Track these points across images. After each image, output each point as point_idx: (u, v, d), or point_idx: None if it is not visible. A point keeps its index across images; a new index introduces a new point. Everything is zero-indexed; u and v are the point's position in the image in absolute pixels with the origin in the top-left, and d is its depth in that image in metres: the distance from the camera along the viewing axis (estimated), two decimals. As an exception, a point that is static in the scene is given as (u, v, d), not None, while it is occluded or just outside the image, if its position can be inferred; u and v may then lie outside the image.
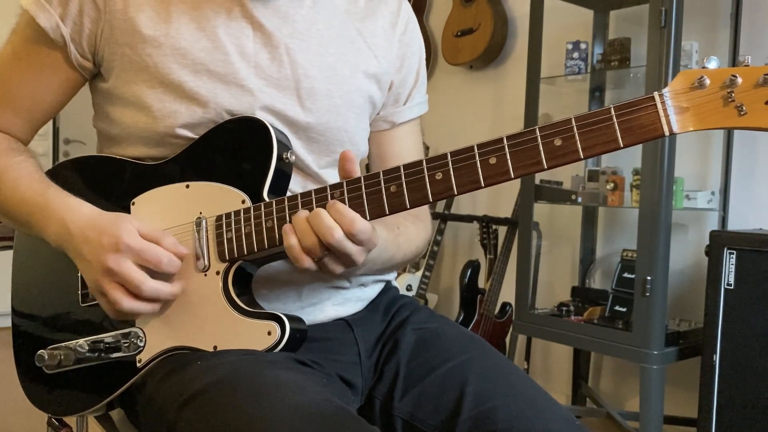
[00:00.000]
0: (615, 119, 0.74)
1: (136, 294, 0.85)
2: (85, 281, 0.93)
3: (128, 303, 0.85)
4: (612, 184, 2.30)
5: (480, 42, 3.09)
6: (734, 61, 0.69)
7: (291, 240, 0.82)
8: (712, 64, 0.72)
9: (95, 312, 0.94)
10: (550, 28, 2.45)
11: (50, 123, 4.08)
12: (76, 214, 0.89)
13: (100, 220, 0.87)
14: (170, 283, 0.87)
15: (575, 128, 0.75)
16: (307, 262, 0.83)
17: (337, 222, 0.80)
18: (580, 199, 2.42)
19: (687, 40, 2.15)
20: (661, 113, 0.73)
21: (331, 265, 0.84)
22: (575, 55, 2.46)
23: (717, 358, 1.92)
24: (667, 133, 0.73)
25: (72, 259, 0.90)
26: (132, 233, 0.85)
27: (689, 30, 2.19)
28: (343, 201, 0.83)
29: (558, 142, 0.76)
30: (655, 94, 0.73)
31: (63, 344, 0.95)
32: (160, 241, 0.87)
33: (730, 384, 1.91)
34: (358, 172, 0.84)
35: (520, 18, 3.08)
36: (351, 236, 0.81)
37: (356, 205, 0.82)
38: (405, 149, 1.09)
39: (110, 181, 0.97)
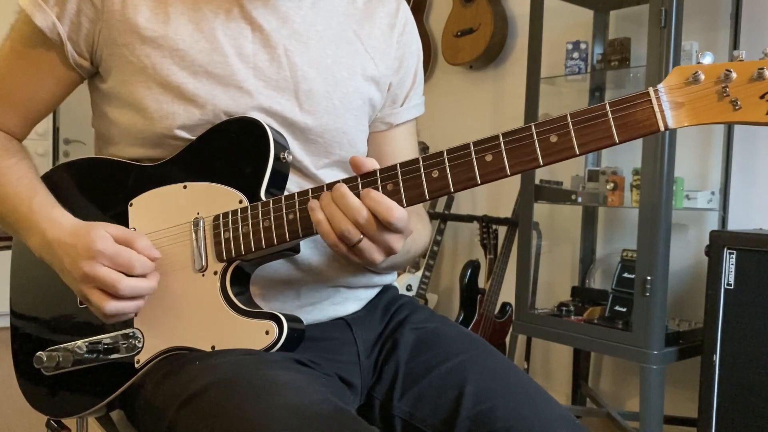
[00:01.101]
0: (610, 115, 0.74)
1: (115, 295, 0.85)
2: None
3: (111, 305, 0.85)
4: (612, 184, 2.30)
5: (480, 42, 3.09)
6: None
7: (318, 215, 0.81)
8: (707, 60, 0.72)
9: (93, 313, 0.94)
10: (550, 28, 2.45)
11: (50, 123, 4.12)
12: (57, 227, 0.88)
13: (76, 231, 0.87)
14: (147, 278, 0.87)
15: (571, 124, 0.75)
16: (342, 248, 0.81)
17: (373, 210, 0.79)
18: (580, 199, 2.41)
19: (687, 40, 2.14)
20: (656, 108, 0.73)
21: (371, 252, 0.82)
22: (575, 55, 2.46)
23: (717, 358, 1.92)
24: (662, 128, 0.73)
25: (57, 272, 0.89)
26: (104, 239, 0.85)
27: (689, 30, 2.19)
28: None
29: (554, 138, 0.76)
30: (650, 90, 0.73)
31: (61, 346, 0.95)
32: (133, 244, 0.87)
33: (730, 384, 1.91)
34: (373, 166, 0.83)
35: (520, 18, 3.08)
36: (388, 225, 0.79)
37: None
38: (401, 151, 1.09)
39: (108, 183, 0.97)
